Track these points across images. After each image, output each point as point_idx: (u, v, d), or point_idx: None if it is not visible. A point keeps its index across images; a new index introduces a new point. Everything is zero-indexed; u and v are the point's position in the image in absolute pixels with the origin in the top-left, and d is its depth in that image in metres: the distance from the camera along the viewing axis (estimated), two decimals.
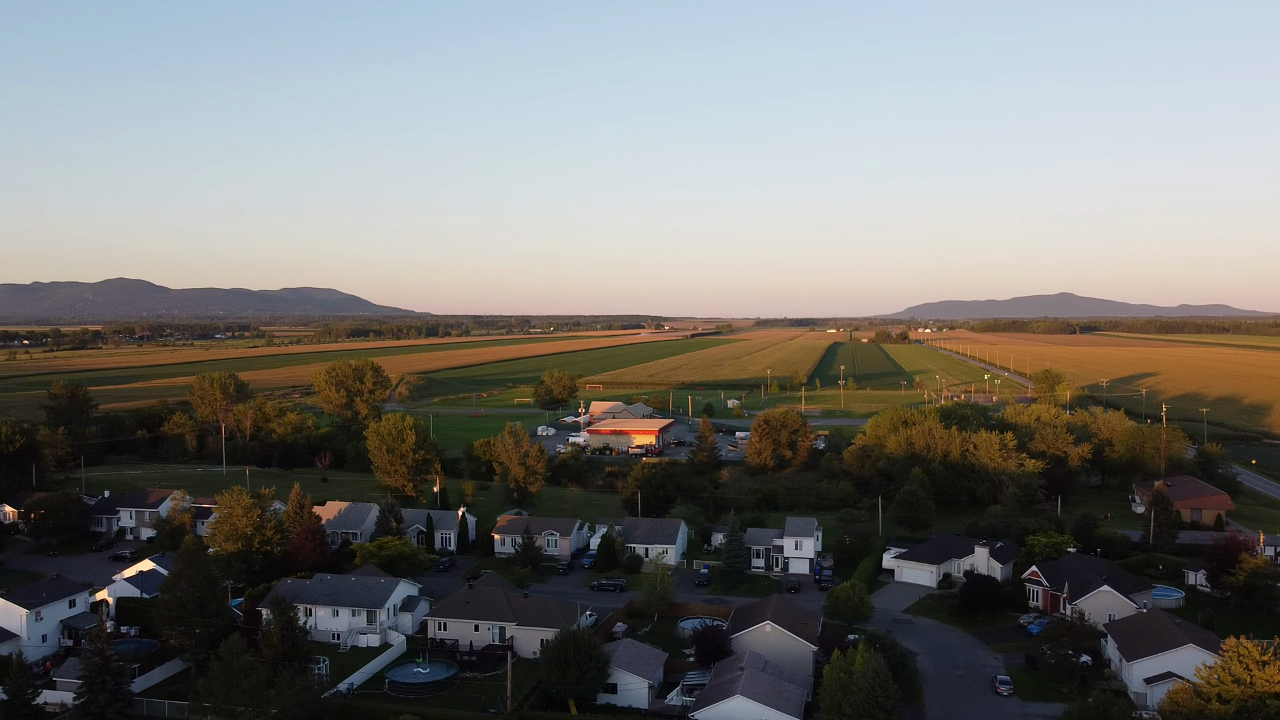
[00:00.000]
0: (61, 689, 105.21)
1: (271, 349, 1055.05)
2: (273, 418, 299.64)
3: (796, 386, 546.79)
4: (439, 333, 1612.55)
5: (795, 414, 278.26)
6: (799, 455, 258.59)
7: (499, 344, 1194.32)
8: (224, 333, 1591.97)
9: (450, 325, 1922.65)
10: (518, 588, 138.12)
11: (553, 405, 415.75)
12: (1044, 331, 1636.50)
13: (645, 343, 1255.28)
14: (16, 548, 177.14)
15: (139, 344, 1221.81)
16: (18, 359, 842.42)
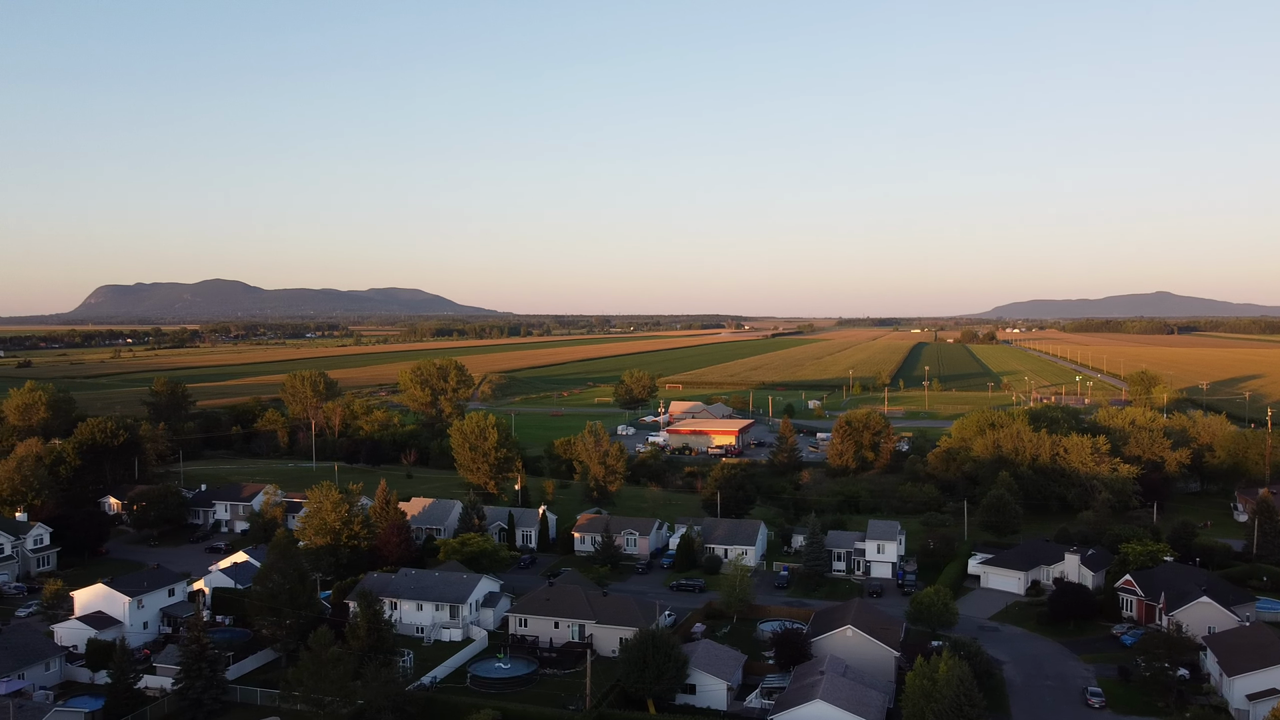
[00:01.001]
0: (161, 674, 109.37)
1: (359, 348, 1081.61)
2: (360, 415, 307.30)
3: (879, 387, 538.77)
4: (521, 332, 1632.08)
5: (878, 415, 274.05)
6: (881, 457, 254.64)
7: (579, 343, 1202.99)
8: (314, 332, 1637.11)
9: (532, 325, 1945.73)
10: (597, 586, 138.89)
11: (632, 405, 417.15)
12: (1139, 332, 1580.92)
13: (725, 342, 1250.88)
14: (120, 538, 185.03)
15: (234, 343, 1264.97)
16: (122, 357, 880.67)
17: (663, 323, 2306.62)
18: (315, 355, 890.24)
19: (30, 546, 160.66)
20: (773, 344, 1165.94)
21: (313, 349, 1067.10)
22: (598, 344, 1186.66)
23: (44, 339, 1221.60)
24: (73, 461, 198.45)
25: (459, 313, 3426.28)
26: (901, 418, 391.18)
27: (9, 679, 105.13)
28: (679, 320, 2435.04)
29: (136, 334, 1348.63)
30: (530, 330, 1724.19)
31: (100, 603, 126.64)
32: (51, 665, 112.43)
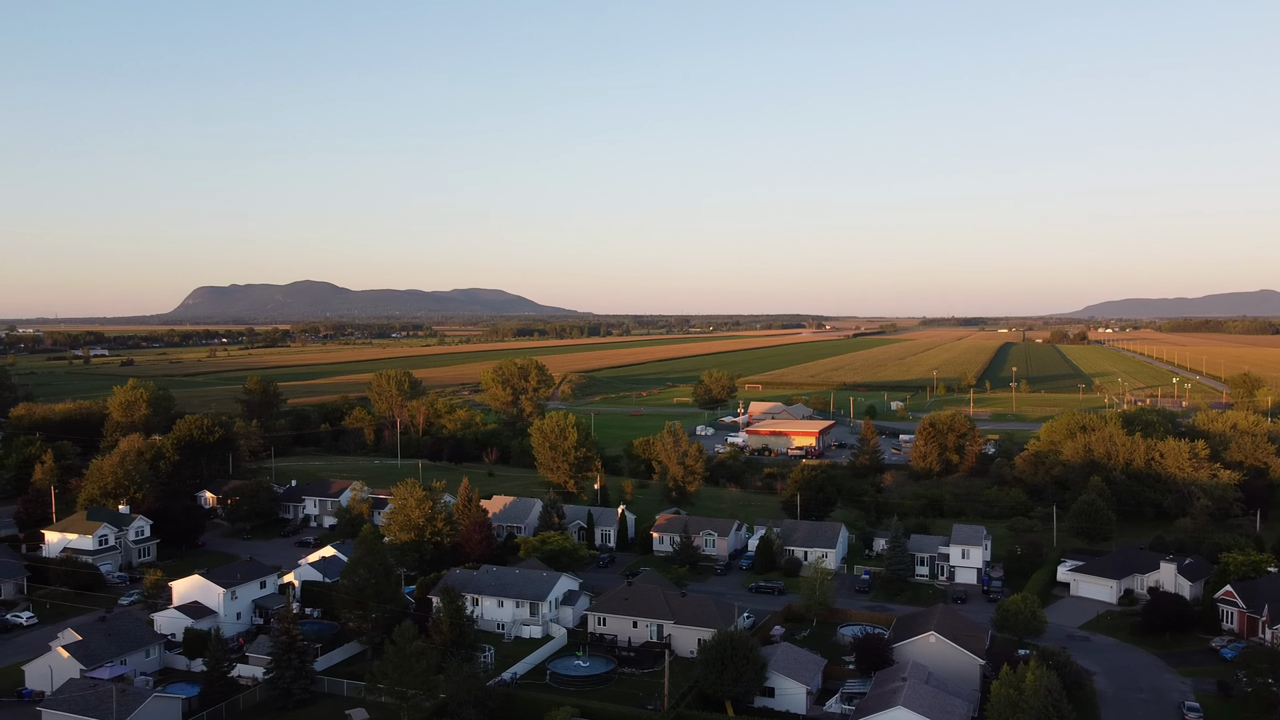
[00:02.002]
0: (253, 664, 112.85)
1: (443, 348, 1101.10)
2: (444, 414, 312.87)
3: (964, 388, 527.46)
4: (600, 332, 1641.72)
5: (963, 417, 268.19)
6: (967, 460, 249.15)
7: (658, 343, 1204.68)
8: (399, 332, 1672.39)
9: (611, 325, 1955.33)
10: (675, 586, 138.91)
11: (711, 405, 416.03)
12: (1241, 332, 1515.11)
13: (806, 342, 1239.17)
14: (215, 531, 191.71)
15: (323, 342, 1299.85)
16: (217, 356, 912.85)
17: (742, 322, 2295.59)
18: (400, 355, 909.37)
19: (132, 538, 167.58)
20: (854, 344, 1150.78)
21: (398, 349, 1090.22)
22: (677, 344, 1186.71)
23: (145, 339, 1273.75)
24: (171, 457, 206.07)
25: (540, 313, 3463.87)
26: (987, 420, 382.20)
27: (112, 664, 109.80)
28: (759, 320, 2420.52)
29: (231, 334, 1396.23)
30: (610, 330, 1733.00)
31: (197, 593, 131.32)
32: (151, 652, 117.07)
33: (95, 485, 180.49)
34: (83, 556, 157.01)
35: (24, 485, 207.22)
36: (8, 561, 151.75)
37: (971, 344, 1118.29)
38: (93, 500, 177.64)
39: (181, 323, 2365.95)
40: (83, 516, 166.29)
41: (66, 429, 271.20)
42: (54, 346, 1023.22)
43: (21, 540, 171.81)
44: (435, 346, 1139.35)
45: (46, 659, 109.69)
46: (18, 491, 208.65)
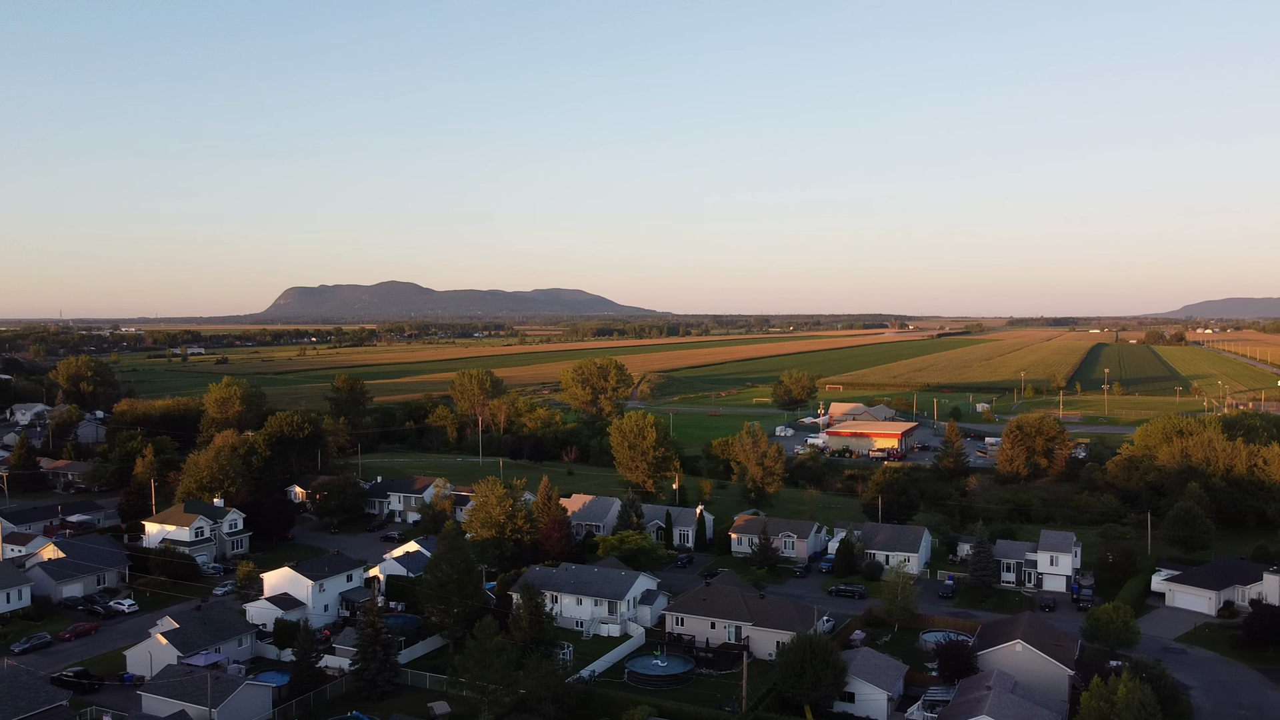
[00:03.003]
0: (340, 655, 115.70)
1: (523, 347, 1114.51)
2: (524, 412, 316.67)
3: (1054, 390, 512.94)
4: (679, 332, 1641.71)
5: (1052, 419, 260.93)
6: (1056, 464, 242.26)
7: (738, 343, 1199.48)
8: (481, 331, 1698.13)
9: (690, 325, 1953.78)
10: (754, 588, 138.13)
11: (791, 405, 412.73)
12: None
13: (888, 343, 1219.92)
14: (303, 525, 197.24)
15: (408, 341, 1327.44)
16: (307, 354, 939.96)
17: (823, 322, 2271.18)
18: (482, 354, 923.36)
19: (226, 530, 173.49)
20: (938, 344, 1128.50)
21: (480, 348, 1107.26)
22: (756, 344, 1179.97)
23: (239, 338, 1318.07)
24: (263, 452, 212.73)
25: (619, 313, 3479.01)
26: (1078, 423, 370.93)
27: (207, 651, 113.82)
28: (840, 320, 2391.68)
29: (320, 333, 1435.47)
30: (689, 330, 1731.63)
31: (286, 585, 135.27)
32: (244, 641, 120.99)
33: (192, 479, 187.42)
34: (180, 547, 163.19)
35: (126, 478, 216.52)
36: (112, 551, 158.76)
37: (1061, 344, 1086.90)
38: (189, 493, 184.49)
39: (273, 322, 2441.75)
40: (180, 509, 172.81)
41: (165, 424, 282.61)
42: (154, 345, 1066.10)
43: (124, 531, 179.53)
44: (516, 346, 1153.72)
45: (146, 645, 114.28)
46: (120, 484, 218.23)
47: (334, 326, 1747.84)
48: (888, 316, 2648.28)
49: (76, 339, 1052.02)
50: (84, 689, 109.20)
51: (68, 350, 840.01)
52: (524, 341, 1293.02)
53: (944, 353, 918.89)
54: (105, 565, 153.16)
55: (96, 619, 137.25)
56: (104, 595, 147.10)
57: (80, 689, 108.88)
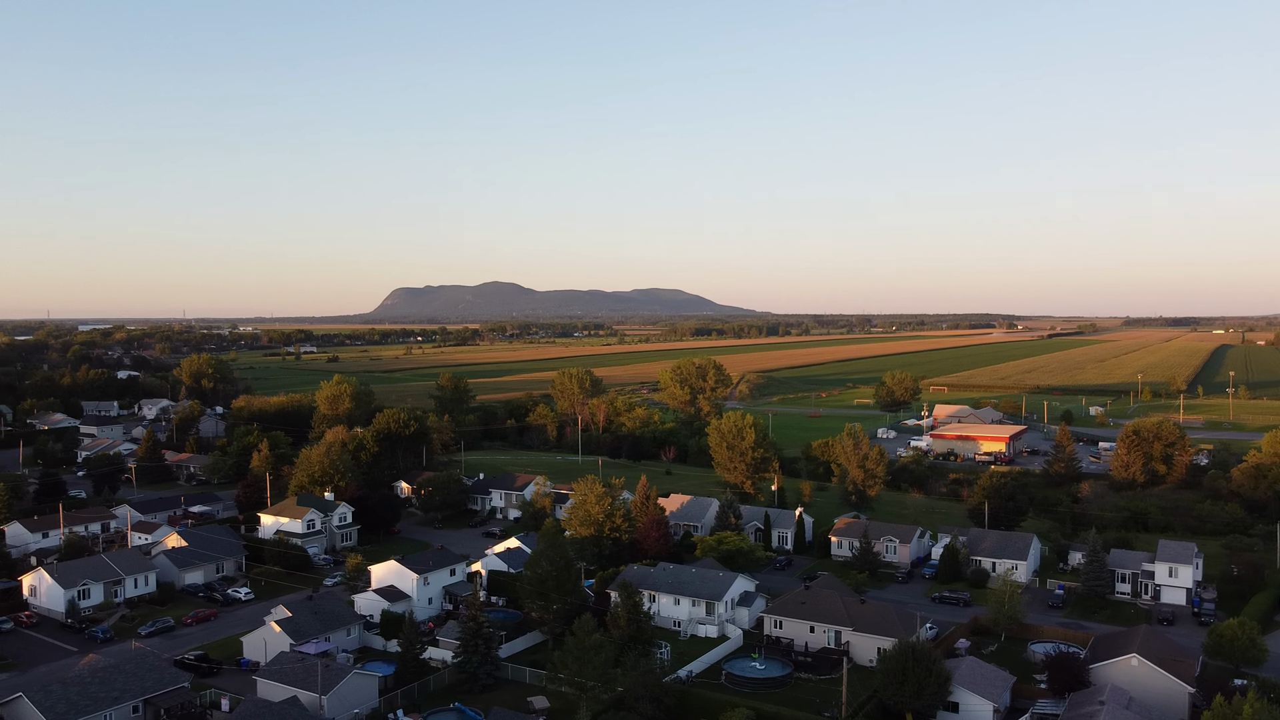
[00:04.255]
0: (443, 647, 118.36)
1: (622, 347, 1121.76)
2: (623, 412, 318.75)
3: (1173, 394, 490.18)
4: (779, 332, 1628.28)
5: (1171, 424, 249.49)
6: (1175, 471, 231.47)
7: (839, 343, 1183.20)
8: (581, 331, 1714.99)
9: (790, 324, 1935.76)
10: (854, 592, 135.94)
11: (894, 407, 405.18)
12: None
13: (996, 343, 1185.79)
14: (409, 519, 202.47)
15: (509, 341, 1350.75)
16: (413, 353, 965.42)
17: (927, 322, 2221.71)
18: (582, 353, 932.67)
19: (336, 523, 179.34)
20: (1049, 345, 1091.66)
21: (580, 347, 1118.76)
22: (858, 344, 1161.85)
23: (348, 337, 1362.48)
24: (371, 448, 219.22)
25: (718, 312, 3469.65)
26: (1200, 428, 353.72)
27: (318, 640, 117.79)
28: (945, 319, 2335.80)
29: (425, 332, 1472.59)
30: (788, 330, 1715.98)
31: (392, 578, 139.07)
32: (352, 631, 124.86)
33: (304, 473, 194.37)
34: (293, 539, 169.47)
35: (243, 471, 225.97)
36: (230, 541, 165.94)
37: (1182, 345, 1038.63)
38: (302, 487, 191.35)
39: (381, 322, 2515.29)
40: (293, 502, 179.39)
41: (280, 420, 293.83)
42: (269, 344, 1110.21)
43: (241, 522, 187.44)
44: (615, 345, 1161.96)
45: (261, 632, 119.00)
46: (238, 477, 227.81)
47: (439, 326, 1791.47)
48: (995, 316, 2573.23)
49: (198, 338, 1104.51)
50: (204, 672, 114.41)
51: (190, 348, 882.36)
52: (623, 341, 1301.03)
53: (1055, 354, 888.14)
54: (224, 555, 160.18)
55: (215, 606, 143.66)
56: (222, 583, 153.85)
57: (200, 672, 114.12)
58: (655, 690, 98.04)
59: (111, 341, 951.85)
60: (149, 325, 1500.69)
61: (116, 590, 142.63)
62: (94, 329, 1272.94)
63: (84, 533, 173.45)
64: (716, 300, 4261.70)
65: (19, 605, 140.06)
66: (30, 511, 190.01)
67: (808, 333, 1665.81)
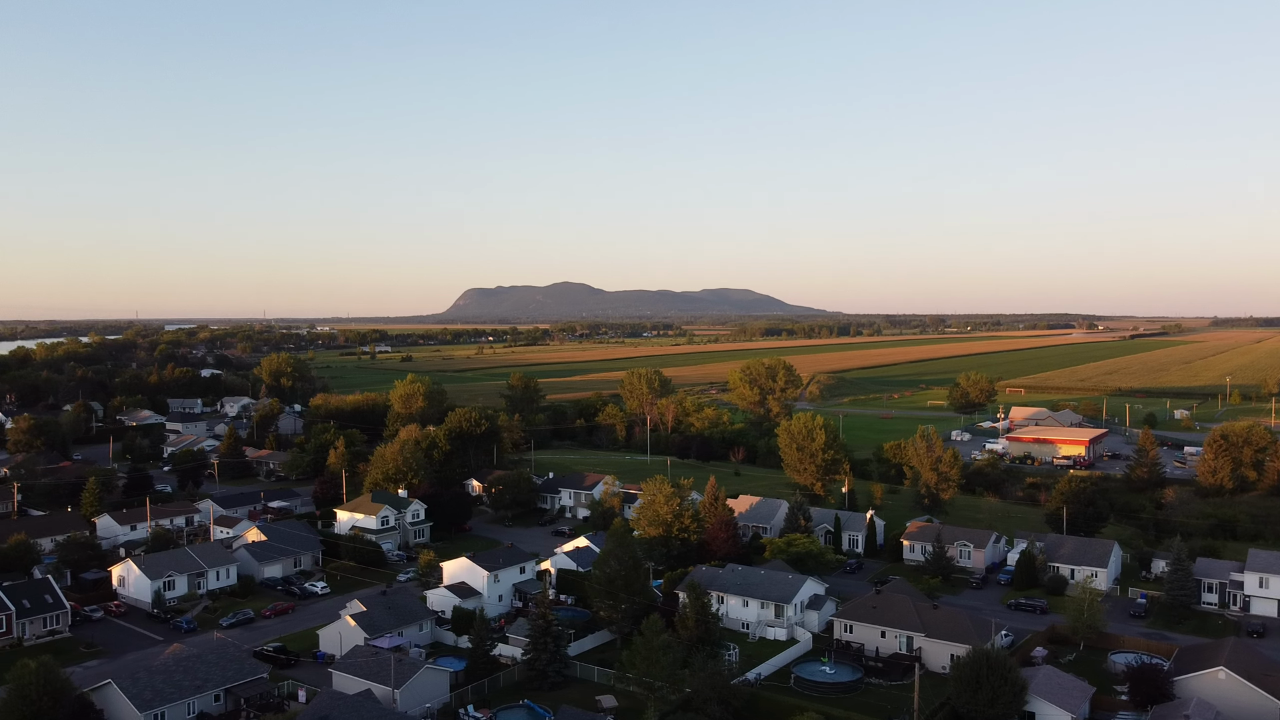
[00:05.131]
0: (513, 644, 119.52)
1: (691, 347, 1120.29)
2: (692, 412, 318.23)
3: (1265, 397, 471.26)
4: (850, 332, 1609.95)
5: (1262, 429, 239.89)
6: (1266, 477, 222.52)
7: (911, 344, 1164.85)
8: (650, 331, 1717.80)
9: (861, 324, 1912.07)
10: (927, 597, 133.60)
11: (968, 409, 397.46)
12: None
13: (1075, 344, 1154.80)
14: (479, 517, 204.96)
15: (579, 341, 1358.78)
16: (484, 353, 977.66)
17: (1003, 322, 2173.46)
18: (651, 354, 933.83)
19: (409, 520, 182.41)
20: (1131, 346, 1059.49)
21: (649, 347, 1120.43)
22: (931, 344, 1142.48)
23: (422, 336, 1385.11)
24: (443, 447, 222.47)
25: (788, 312, 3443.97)
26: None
27: (391, 635, 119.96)
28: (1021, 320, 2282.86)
29: (497, 333, 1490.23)
30: (860, 330, 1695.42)
31: (464, 574, 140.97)
32: (424, 626, 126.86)
33: (379, 470, 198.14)
34: (367, 535, 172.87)
35: (320, 468, 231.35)
36: (307, 536, 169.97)
37: (1273, 347, 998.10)
38: (376, 484, 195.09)
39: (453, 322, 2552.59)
40: (368, 498, 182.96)
41: (355, 418, 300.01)
42: (346, 343, 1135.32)
43: (317, 517, 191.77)
44: (684, 346, 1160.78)
45: (336, 626, 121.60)
46: (315, 473, 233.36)
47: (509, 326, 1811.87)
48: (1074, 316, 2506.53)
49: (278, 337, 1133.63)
50: (281, 663, 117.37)
51: (270, 348, 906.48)
52: (692, 341, 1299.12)
53: (1137, 355, 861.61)
54: (301, 549, 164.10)
55: (293, 599, 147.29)
56: (299, 577, 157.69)
57: (278, 663, 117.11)
58: (723, 692, 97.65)
59: (196, 341, 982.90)
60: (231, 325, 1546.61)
61: (199, 582, 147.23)
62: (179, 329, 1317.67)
63: (169, 526, 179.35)
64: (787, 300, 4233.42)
65: (109, 595, 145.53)
66: (119, 505, 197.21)
67: (880, 333, 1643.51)
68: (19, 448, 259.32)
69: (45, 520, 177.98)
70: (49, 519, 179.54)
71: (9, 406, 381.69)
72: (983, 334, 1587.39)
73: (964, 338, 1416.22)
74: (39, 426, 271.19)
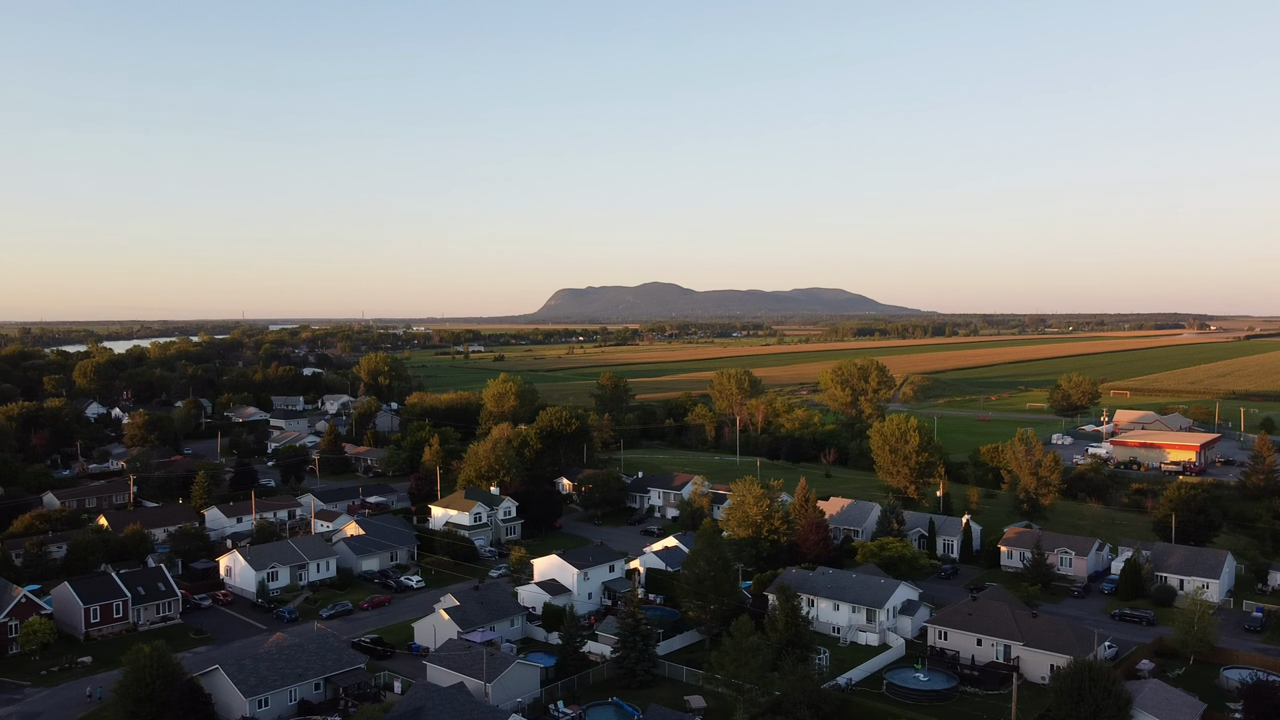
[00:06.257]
0: (602, 642, 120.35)
1: (781, 347, 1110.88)
2: (782, 413, 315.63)
3: None
4: (945, 332, 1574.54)
5: None
6: None
7: (1010, 344, 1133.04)
8: (740, 331, 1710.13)
9: (957, 324, 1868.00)
10: (1025, 605, 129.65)
11: (1070, 412, 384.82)
12: None
13: (1185, 345, 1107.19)
14: (569, 515, 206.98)
15: (668, 341, 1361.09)
16: (574, 353, 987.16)
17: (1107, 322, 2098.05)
18: (740, 354, 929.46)
19: (501, 517, 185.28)
20: (1247, 346, 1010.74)
21: (738, 347, 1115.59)
22: (1030, 344, 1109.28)
23: (514, 336, 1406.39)
24: (535, 445, 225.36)
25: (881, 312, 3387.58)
26: None
27: (483, 629, 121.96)
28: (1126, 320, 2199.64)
29: (587, 332, 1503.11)
30: (955, 330, 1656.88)
31: (554, 571, 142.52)
32: (515, 622, 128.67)
33: (472, 468, 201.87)
34: (460, 530, 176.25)
35: (415, 465, 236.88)
36: (403, 531, 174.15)
37: None
38: (469, 481, 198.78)
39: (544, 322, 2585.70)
40: (461, 495, 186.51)
41: (449, 416, 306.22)
42: (440, 343, 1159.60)
43: (413, 513, 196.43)
44: (774, 346, 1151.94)
45: (431, 619, 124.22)
46: (410, 470, 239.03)
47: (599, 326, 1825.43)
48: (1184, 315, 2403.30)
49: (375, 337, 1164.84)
50: (378, 655, 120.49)
51: (368, 347, 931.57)
52: (782, 341, 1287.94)
53: (1253, 356, 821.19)
54: (397, 544, 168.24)
55: (389, 592, 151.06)
56: (395, 571, 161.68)
57: (375, 654, 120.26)
58: (814, 696, 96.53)
59: (298, 340, 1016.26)
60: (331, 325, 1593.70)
61: (301, 574, 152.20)
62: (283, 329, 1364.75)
63: (273, 519, 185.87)
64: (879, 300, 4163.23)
65: (216, 584, 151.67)
66: (226, 498, 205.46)
67: (976, 333, 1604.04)
68: (135, 442, 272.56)
69: (158, 511, 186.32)
70: (162, 510, 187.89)
71: (126, 403, 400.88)
72: (1085, 334, 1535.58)
73: (1065, 338, 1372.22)
74: (153, 422, 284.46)
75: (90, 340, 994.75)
